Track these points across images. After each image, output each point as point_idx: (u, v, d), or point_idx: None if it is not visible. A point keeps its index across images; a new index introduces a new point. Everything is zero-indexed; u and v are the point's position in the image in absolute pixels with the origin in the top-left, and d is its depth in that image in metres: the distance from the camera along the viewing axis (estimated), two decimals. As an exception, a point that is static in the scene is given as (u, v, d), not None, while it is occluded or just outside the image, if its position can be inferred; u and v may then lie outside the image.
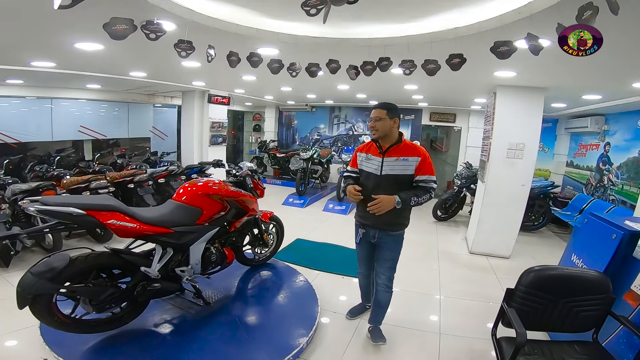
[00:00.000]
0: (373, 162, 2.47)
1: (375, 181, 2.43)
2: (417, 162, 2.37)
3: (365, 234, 2.57)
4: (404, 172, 2.39)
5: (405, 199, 2.29)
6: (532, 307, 1.83)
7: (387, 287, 2.56)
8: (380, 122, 2.40)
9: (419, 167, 2.37)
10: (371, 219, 2.45)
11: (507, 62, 2.44)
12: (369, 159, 2.50)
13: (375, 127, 2.42)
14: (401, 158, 2.39)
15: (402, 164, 2.39)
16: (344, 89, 5.97)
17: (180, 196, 2.59)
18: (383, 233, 2.48)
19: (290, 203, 6.92)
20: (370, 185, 2.44)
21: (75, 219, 1.98)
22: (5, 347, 2.34)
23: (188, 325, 2.58)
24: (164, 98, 8.18)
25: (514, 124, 4.31)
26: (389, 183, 2.39)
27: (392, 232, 2.47)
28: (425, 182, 2.38)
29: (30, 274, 1.98)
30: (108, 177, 4.66)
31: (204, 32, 2.58)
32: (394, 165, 2.40)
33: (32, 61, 3.95)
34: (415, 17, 2.53)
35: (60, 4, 1.53)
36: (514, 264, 4.41)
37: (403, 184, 2.40)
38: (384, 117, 2.40)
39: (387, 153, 2.43)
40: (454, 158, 8.62)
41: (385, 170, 2.41)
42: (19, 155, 5.32)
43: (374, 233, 2.51)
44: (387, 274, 2.55)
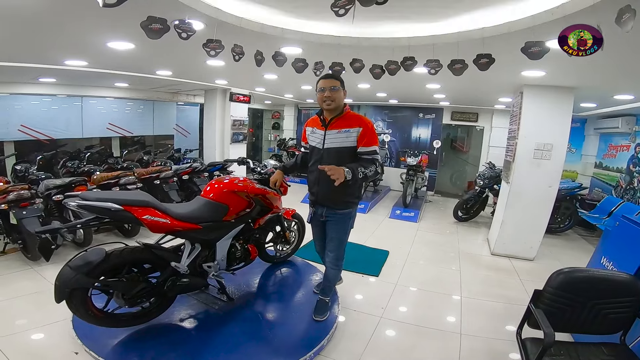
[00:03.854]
0: (317, 136, 2.45)
1: (318, 155, 2.41)
2: (358, 132, 2.27)
3: (315, 212, 2.55)
4: (345, 144, 2.31)
5: (353, 169, 2.14)
6: (559, 309, 1.82)
7: (335, 265, 2.59)
8: (336, 92, 2.29)
9: (361, 138, 2.27)
10: (315, 194, 2.46)
11: (536, 61, 2.39)
12: (314, 132, 2.48)
13: (331, 97, 2.29)
14: (343, 130, 2.32)
15: (343, 135, 2.31)
16: (364, 87, 5.95)
17: (208, 193, 2.64)
18: (330, 211, 2.46)
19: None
20: (314, 160, 2.43)
21: (113, 214, 2.05)
22: (38, 341, 2.40)
23: (212, 320, 2.63)
24: (187, 96, 8.36)
25: (541, 124, 4.20)
26: (330, 157, 2.33)
27: (338, 210, 2.43)
28: (369, 153, 2.28)
29: (69, 267, 2.04)
30: (135, 173, 4.82)
31: (230, 32, 2.62)
32: (336, 137, 2.33)
33: (65, 60, 4.11)
34: (441, 16, 2.50)
35: (105, 2, 1.58)
36: (538, 267, 4.32)
37: (344, 157, 2.28)
38: (339, 88, 2.31)
39: (329, 126, 2.37)
40: (476, 158, 8.45)
41: (327, 143, 2.36)
42: (52, 152, 5.55)
43: (322, 211, 2.50)
44: (333, 252, 2.56)
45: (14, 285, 3.11)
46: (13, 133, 5.68)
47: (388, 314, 2.99)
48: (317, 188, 2.43)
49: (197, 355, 2.23)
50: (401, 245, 4.81)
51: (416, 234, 5.43)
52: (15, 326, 2.50)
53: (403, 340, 2.68)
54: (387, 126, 9.08)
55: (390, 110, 8.99)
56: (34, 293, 2.99)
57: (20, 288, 3.06)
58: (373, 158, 2.29)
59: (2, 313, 2.67)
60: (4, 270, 3.39)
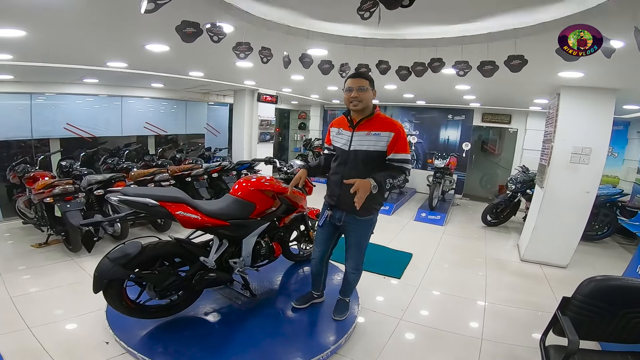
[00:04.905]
0: (343, 137, 2.33)
1: (343, 157, 2.29)
2: (390, 137, 2.16)
3: (332, 216, 2.42)
4: (374, 148, 2.18)
5: (381, 182, 2.06)
6: (588, 317, 1.77)
7: (356, 269, 2.54)
8: (365, 92, 2.18)
9: (392, 144, 2.16)
10: (337, 199, 2.33)
11: (573, 62, 2.29)
12: (340, 133, 2.35)
13: (359, 98, 2.18)
14: (372, 132, 2.19)
15: (373, 138, 2.18)
16: (391, 88, 5.90)
17: (236, 191, 2.73)
18: (350, 217, 2.33)
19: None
20: (339, 162, 2.32)
21: (149, 209, 2.17)
22: (72, 330, 2.52)
23: (234, 315, 2.71)
24: (217, 96, 8.62)
25: (579, 127, 4.01)
26: (356, 160, 2.22)
27: (359, 216, 2.30)
28: (400, 161, 2.18)
29: (108, 259, 2.17)
30: (169, 170, 5.05)
31: (258, 34, 2.69)
32: (364, 140, 2.21)
33: (107, 61, 4.37)
34: (470, 17, 2.45)
35: (145, 8, 1.71)
36: (570, 274, 4.15)
37: (372, 162, 2.19)
38: (367, 88, 2.19)
39: (357, 127, 2.25)
40: (508, 161, 8.15)
41: (354, 145, 2.23)
42: (94, 149, 5.90)
43: (340, 216, 2.38)
44: (354, 258, 2.48)
45: (54, 276, 3.31)
46: (59, 131, 6.08)
47: (408, 316, 2.98)
48: (340, 192, 2.30)
49: (218, 350, 2.30)
50: (425, 248, 4.74)
51: (442, 237, 5.32)
52: (53, 316, 2.66)
53: (421, 343, 2.66)
54: (414, 127, 8.94)
55: (418, 111, 8.83)
56: (73, 283, 3.17)
57: (60, 278, 3.26)
58: (403, 167, 2.19)
59: (42, 303, 2.85)
60: (46, 261, 3.63)
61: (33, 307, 2.75)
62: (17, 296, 2.90)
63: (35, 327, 2.48)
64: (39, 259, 3.68)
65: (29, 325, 2.50)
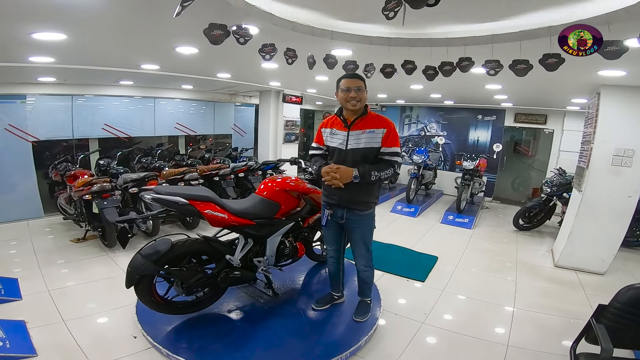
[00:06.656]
0: (338, 137, 2.39)
1: (340, 156, 2.35)
2: (383, 133, 2.28)
3: (333, 215, 2.49)
4: (370, 145, 2.29)
5: (364, 173, 2.19)
6: (625, 325, 1.70)
7: (367, 266, 2.58)
8: (362, 93, 2.30)
9: (385, 139, 2.28)
10: (337, 197, 2.38)
11: (614, 61, 2.16)
12: (334, 133, 2.42)
13: (357, 98, 2.29)
14: (367, 130, 2.30)
15: (368, 136, 2.29)
16: (417, 88, 5.79)
17: (262, 191, 2.78)
18: (351, 213, 2.41)
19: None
20: (335, 161, 2.36)
21: (180, 207, 2.26)
22: (103, 323, 2.63)
23: (256, 313, 2.76)
24: (244, 97, 8.81)
25: (621, 128, 3.78)
26: (355, 158, 2.30)
27: (360, 211, 2.39)
28: (390, 154, 2.28)
29: (140, 255, 2.27)
30: (198, 170, 5.21)
31: (283, 36, 2.72)
32: (360, 138, 2.30)
33: (142, 64, 4.58)
34: (501, 15, 2.36)
35: (176, 12, 1.80)
36: (608, 281, 3.93)
37: (370, 158, 2.30)
38: (363, 88, 2.30)
39: (352, 126, 2.34)
40: (542, 163, 7.79)
41: (351, 144, 2.32)
42: (129, 149, 6.20)
43: (342, 213, 2.44)
44: (363, 256, 2.54)
45: (90, 270, 3.49)
46: (97, 131, 6.44)
47: (431, 320, 2.92)
48: (339, 191, 2.33)
49: (241, 347, 2.35)
50: (452, 251, 4.62)
51: (469, 240, 5.17)
52: (86, 309, 2.79)
53: (443, 348, 2.61)
54: (442, 128, 8.72)
55: (445, 111, 8.61)
56: (107, 278, 3.33)
57: (95, 273, 3.43)
58: (392, 160, 2.30)
59: (77, 296, 3.00)
60: (83, 256, 3.83)
61: (68, 301, 2.90)
62: (55, 289, 3.07)
63: (70, 321, 2.61)
64: (76, 253, 3.90)
65: (64, 318, 2.64)
